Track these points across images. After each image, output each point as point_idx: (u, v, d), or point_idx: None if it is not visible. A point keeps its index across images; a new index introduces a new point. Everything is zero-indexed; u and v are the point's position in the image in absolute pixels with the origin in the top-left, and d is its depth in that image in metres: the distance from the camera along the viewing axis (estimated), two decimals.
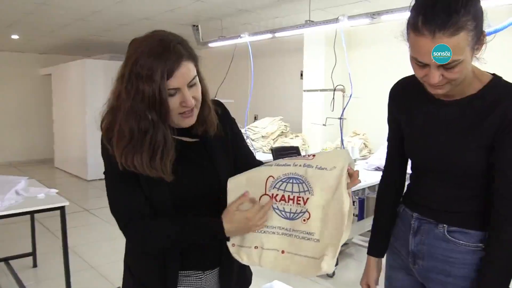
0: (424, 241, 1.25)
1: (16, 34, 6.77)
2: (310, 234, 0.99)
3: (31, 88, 9.22)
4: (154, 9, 4.88)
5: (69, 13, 5.10)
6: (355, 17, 3.82)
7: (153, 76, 0.98)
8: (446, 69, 1.01)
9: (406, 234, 1.30)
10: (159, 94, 0.99)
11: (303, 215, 1.00)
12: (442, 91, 1.08)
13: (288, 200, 1.03)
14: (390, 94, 1.34)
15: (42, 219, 4.57)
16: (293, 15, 5.07)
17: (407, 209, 1.32)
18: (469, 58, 1.02)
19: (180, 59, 1.01)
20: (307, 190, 1.02)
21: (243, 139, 1.34)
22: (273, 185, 1.06)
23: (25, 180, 3.06)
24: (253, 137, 5.73)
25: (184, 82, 1.03)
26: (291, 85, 6.67)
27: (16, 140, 9.10)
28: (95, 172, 7.21)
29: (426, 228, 1.24)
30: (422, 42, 0.99)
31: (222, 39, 5.46)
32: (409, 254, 1.30)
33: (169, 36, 1.05)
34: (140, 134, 1.02)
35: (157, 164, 1.04)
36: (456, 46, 0.97)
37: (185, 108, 1.05)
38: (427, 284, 1.28)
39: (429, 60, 1.00)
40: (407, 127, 1.27)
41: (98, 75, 7.16)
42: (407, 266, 1.33)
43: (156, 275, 1.13)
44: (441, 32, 0.96)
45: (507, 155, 1.08)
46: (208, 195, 1.16)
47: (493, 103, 1.08)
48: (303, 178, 1.03)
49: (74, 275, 2.93)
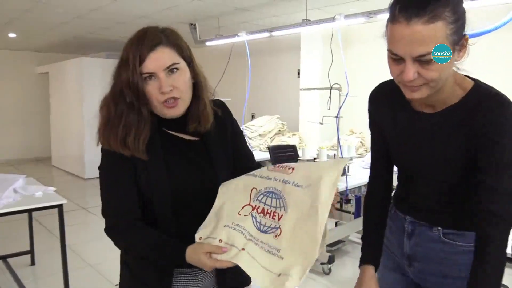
0: (419, 244, 1.23)
1: (13, 32, 6.76)
2: (277, 250, 0.96)
3: (28, 86, 9.20)
4: (152, 8, 4.88)
5: (67, 11, 5.10)
6: (351, 16, 3.84)
7: (128, 60, 1.03)
8: (422, 64, 0.95)
9: (400, 236, 1.28)
10: (132, 77, 1.03)
11: (276, 231, 0.98)
12: (419, 94, 1.01)
13: (266, 213, 1.02)
14: (370, 98, 1.29)
15: (40, 217, 4.58)
16: (290, 14, 5.09)
17: (399, 212, 1.29)
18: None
19: (157, 44, 1.04)
20: (283, 207, 1.00)
21: (244, 140, 1.34)
22: (256, 197, 1.06)
23: (23, 178, 3.06)
24: (250, 136, 5.75)
25: (158, 66, 1.04)
26: (288, 84, 6.68)
27: (14, 139, 9.09)
28: (92, 171, 7.20)
29: (421, 230, 1.23)
30: (397, 30, 0.94)
31: (220, 37, 5.46)
32: (404, 256, 1.28)
33: (154, 27, 1.09)
34: (116, 116, 1.07)
35: (129, 143, 1.06)
36: (432, 35, 0.92)
37: (165, 95, 1.06)
38: (424, 284, 1.27)
39: (403, 50, 0.95)
40: (389, 133, 1.23)
41: (95, 73, 7.15)
42: (401, 266, 1.31)
43: (152, 272, 1.15)
44: (417, 18, 0.91)
45: (492, 156, 1.02)
46: (205, 194, 1.17)
47: (474, 110, 1.03)
48: (280, 194, 1.02)
49: (72, 273, 2.95)
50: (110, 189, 1.13)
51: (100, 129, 1.10)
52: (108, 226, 1.12)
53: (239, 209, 1.07)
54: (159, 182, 1.10)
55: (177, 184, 1.12)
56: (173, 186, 1.11)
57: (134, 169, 1.10)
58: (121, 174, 1.11)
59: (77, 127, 7.48)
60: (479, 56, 1.20)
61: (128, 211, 1.11)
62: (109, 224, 1.12)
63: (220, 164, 1.20)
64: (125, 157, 1.08)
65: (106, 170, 1.14)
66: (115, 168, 1.11)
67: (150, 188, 1.10)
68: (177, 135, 1.16)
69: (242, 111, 4.66)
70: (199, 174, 1.17)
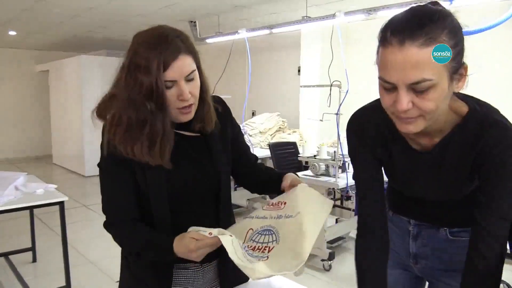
0: (426, 244, 1.21)
1: (13, 30, 6.76)
2: (262, 257, 1.01)
3: (28, 84, 9.21)
4: (151, 5, 4.88)
5: (66, 9, 5.10)
6: (351, 13, 3.84)
7: (150, 67, 1.00)
8: (417, 93, 0.86)
9: (404, 237, 1.25)
10: (156, 85, 1.01)
11: (262, 258, 1.01)
12: (414, 128, 0.91)
13: (256, 249, 1.05)
14: (351, 127, 1.15)
15: (41, 215, 4.59)
16: (290, 11, 5.08)
17: (401, 215, 1.25)
18: (446, 86, 0.86)
19: (178, 52, 1.03)
20: (275, 240, 1.05)
21: (242, 136, 1.36)
22: (251, 237, 1.10)
23: (24, 176, 3.07)
24: (251, 133, 5.75)
25: (181, 74, 1.04)
26: (289, 81, 6.68)
27: (14, 137, 9.10)
28: (93, 168, 7.20)
29: (427, 232, 1.19)
30: (390, 54, 0.84)
31: (220, 35, 5.46)
32: (410, 255, 1.26)
33: (168, 29, 1.07)
34: (138, 123, 1.05)
35: (156, 153, 1.06)
36: (428, 60, 0.82)
37: (183, 103, 1.06)
38: (430, 278, 1.27)
39: (396, 77, 0.85)
40: (384, 163, 1.14)
41: (94, 71, 7.16)
42: (405, 263, 1.29)
43: (151, 269, 1.16)
44: (411, 41, 0.82)
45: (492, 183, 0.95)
46: (206, 189, 1.18)
47: (473, 138, 0.96)
48: (274, 229, 1.07)
49: (73, 270, 2.95)
50: (109, 188, 1.14)
51: (116, 133, 1.07)
52: (107, 222, 1.14)
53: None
54: (157, 182, 1.11)
55: (177, 184, 1.13)
56: (172, 185, 1.12)
57: (132, 167, 1.10)
58: (120, 174, 1.11)
59: (77, 125, 7.49)
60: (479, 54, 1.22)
61: (125, 208, 1.12)
62: (107, 220, 1.14)
63: (221, 160, 1.21)
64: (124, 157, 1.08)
65: (105, 169, 1.15)
66: (114, 167, 1.12)
67: (148, 186, 1.11)
68: (179, 132, 1.17)
69: (243, 108, 4.66)
70: (202, 172, 1.18)
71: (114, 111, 1.08)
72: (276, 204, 1.13)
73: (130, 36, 1.10)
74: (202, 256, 1.02)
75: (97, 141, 1.15)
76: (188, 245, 1.00)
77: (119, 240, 1.14)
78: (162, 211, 1.12)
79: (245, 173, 1.31)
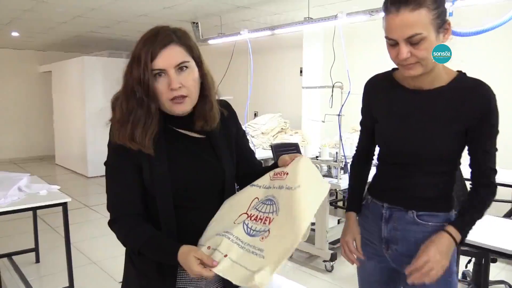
0: (396, 227, 1.36)
1: (16, 31, 6.78)
2: (260, 250, 0.99)
3: (31, 85, 9.24)
4: (153, 6, 4.89)
5: (68, 10, 5.12)
6: (353, 14, 3.84)
7: (140, 58, 1.05)
8: (413, 45, 1.14)
9: (377, 223, 1.41)
10: (143, 74, 1.05)
11: (264, 233, 1.02)
12: (414, 71, 1.19)
13: (258, 219, 1.06)
14: (365, 85, 1.46)
15: (44, 215, 4.61)
16: (292, 12, 5.09)
17: (376, 200, 1.42)
18: (433, 38, 1.15)
19: (168, 42, 1.07)
20: (275, 211, 1.05)
21: (247, 140, 1.37)
22: (255, 206, 1.11)
23: (27, 176, 3.09)
24: (253, 134, 5.76)
25: (169, 63, 1.06)
26: (291, 82, 6.69)
27: (17, 137, 9.13)
28: (95, 169, 7.24)
29: (398, 215, 1.36)
30: (390, 19, 1.15)
31: (222, 36, 5.47)
32: (382, 241, 1.40)
33: (166, 27, 1.12)
34: (127, 111, 1.09)
35: (137, 138, 1.09)
36: (417, 20, 1.12)
37: (174, 93, 1.08)
38: (401, 267, 1.35)
39: (396, 35, 1.15)
40: (380, 115, 1.38)
41: (97, 72, 7.18)
42: (379, 253, 1.42)
43: (156, 267, 1.16)
44: (404, 7, 1.11)
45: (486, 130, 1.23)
46: (213, 189, 1.19)
47: (464, 94, 1.22)
48: (275, 199, 1.07)
49: (76, 271, 2.97)
50: (114, 184, 1.16)
51: (113, 125, 1.12)
52: (111, 220, 1.15)
53: (236, 218, 1.12)
54: (161, 177, 1.12)
55: (181, 180, 1.14)
56: (177, 181, 1.13)
57: (139, 166, 1.12)
58: (125, 170, 1.13)
59: (79, 125, 7.50)
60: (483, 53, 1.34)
61: (130, 206, 1.14)
62: (111, 217, 1.15)
63: (225, 158, 1.23)
64: (131, 153, 1.11)
65: (111, 166, 1.17)
66: (120, 164, 1.14)
67: (153, 183, 1.12)
68: (183, 132, 1.18)
69: (245, 109, 4.67)
70: (207, 169, 1.19)
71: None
72: (279, 174, 1.14)
73: (132, 36, 1.13)
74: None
75: (100, 142, 1.17)
76: (191, 266, 1.00)
77: (122, 235, 1.14)
78: (167, 207, 1.13)
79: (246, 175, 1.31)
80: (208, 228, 1.15)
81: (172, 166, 1.13)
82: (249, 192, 1.17)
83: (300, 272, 3.41)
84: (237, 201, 1.17)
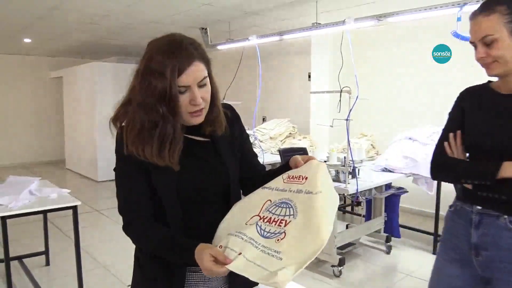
0: (486, 233, 1.37)
1: (28, 37, 6.89)
2: (277, 252, 0.98)
3: (42, 90, 9.37)
4: (162, 13, 4.95)
5: (80, 17, 5.20)
6: (361, 19, 3.85)
7: (165, 73, 1.04)
8: (488, 46, 1.31)
9: (466, 229, 1.43)
10: (169, 89, 1.05)
11: (279, 235, 1.01)
12: (494, 70, 1.34)
13: (272, 222, 1.05)
14: (460, 94, 1.54)
15: (54, 219, 4.66)
16: (300, 17, 5.11)
17: (465, 206, 1.44)
18: (507, 39, 1.29)
19: (192, 58, 1.07)
20: (292, 214, 1.04)
21: (250, 143, 1.38)
22: (268, 208, 1.10)
23: (38, 180, 3.13)
24: (261, 139, 5.77)
25: (194, 80, 1.08)
26: (299, 87, 6.70)
27: (28, 142, 9.25)
28: (105, 174, 7.30)
29: (488, 221, 1.37)
30: (470, 25, 1.35)
31: (230, 41, 5.50)
32: (471, 247, 1.41)
33: (182, 37, 1.12)
34: (150, 126, 1.09)
35: (165, 155, 1.09)
36: (489, 24, 1.29)
37: (195, 107, 1.10)
38: (490, 274, 1.36)
39: (473, 37, 1.34)
40: (472, 117, 1.45)
41: (107, 77, 7.26)
42: (465, 259, 1.43)
43: (165, 270, 1.18)
44: (479, 13, 1.32)
45: None
46: (216, 190, 1.21)
47: None
48: (292, 203, 1.07)
49: (86, 274, 3.00)
50: (124, 189, 1.18)
51: (129, 135, 1.11)
52: (125, 224, 1.17)
53: (247, 219, 1.12)
54: (168, 181, 1.14)
55: (187, 183, 1.16)
56: (183, 185, 1.15)
57: (147, 170, 1.14)
58: (134, 176, 1.15)
59: (90, 130, 7.59)
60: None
61: (141, 210, 1.15)
62: (125, 221, 1.17)
63: (231, 161, 1.24)
64: (138, 159, 1.12)
65: (120, 171, 1.19)
66: (129, 170, 1.16)
67: (160, 187, 1.14)
68: (189, 136, 1.20)
69: (253, 114, 4.68)
70: (212, 172, 1.21)
71: (129, 116, 1.12)
72: (296, 178, 1.13)
73: (142, 42, 1.14)
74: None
75: (110, 147, 1.18)
76: (203, 262, 1.01)
77: (138, 238, 1.16)
78: (174, 210, 1.15)
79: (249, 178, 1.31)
80: (219, 229, 1.15)
81: (179, 171, 1.14)
82: (261, 194, 1.17)
83: (308, 277, 3.40)
84: (248, 203, 1.17)
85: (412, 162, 3.92)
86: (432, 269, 1.56)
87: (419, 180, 3.96)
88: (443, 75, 4.76)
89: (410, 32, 5.04)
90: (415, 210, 5.22)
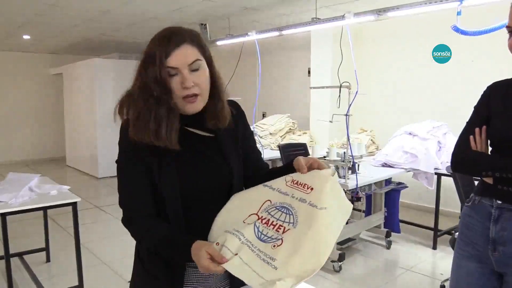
0: (505, 228, 1.36)
1: (28, 34, 6.88)
2: (272, 259, 0.97)
3: (42, 87, 9.36)
4: (162, 9, 4.93)
5: (79, 13, 5.18)
6: (361, 14, 3.83)
7: (155, 57, 1.07)
8: None
9: (485, 223, 1.42)
10: (159, 73, 1.07)
11: (276, 241, 1.00)
12: None
13: (270, 225, 1.04)
14: (487, 88, 1.52)
15: (54, 216, 4.67)
16: (299, 12, 5.10)
17: (485, 200, 1.43)
18: None
19: (181, 41, 1.09)
20: (292, 223, 1.02)
21: (255, 142, 1.37)
22: (267, 209, 1.09)
23: (38, 177, 3.13)
24: (261, 134, 5.77)
25: (183, 62, 1.08)
26: (299, 83, 6.69)
27: (29, 139, 9.25)
28: (105, 170, 7.31)
29: (507, 215, 1.36)
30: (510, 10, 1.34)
31: (230, 37, 5.49)
32: (489, 242, 1.40)
33: (178, 27, 1.14)
34: (147, 111, 1.10)
35: (162, 135, 1.10)
36: None
37: (187, 91, 1.10)
38: (507, 269, 1.36)
39: (510, 23, 1.35)
40: (497, 112, 1.44)
41: (107, 74, 7.25)
42: (482, 255, 1.42)
43: (164, 267, 1.18)
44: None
45: None
46: (218, 186, 1.20)
47: None
48: (293, 210, 1.05)
49: (86, 270, 3.01)
50: (126, 183, 1.17)
51: (131, 123, 1.12)
52: (124, 217, 1.17)
53: (245, 217, 1.10)
54: (169, 177, 1.13)
55: (189, 179, 1.15)
56: (184, 180, 1.14)
57: (149, 166, 1.14)
58: (137, 171, 1.15)
59: (90, 127, 7.58)
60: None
61: (143, 206, 1.15)
62: (125, 215, 1.17)
63: (233, 157, 1.23)
64: (141, 154, 1.12)
65: (122, 165, 1.18)
66: (131, 164, 1.16)
67: (161, 183, 1.14)
68: (192, 130, 1.20)
69: (253, 110, 4.68)
70: (215, 169, 1.20)
71: (131, 103, 1.14)
72: (301, 185, 1.09)
73: (142, 39, 1.14)
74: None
75: (110, 143, 1.18)
76: (201, 259, 1.00)
77: (138, 234, 1.16)
78: (175, 207, 1.14)
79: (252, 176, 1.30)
80: (215, 222, 1.14)
81: (180, 165, 1.14)
82: (260, 192, 1.15)
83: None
84: (246, 199, 1.15)
85: (412, 157, 3.92)
86: (451, 265, 1.56)
87: (419, 175, 3.96)
88: (443, 69, 4.75)
89: (410, 26, 5.03)
90: (415, 205, 5.22)
